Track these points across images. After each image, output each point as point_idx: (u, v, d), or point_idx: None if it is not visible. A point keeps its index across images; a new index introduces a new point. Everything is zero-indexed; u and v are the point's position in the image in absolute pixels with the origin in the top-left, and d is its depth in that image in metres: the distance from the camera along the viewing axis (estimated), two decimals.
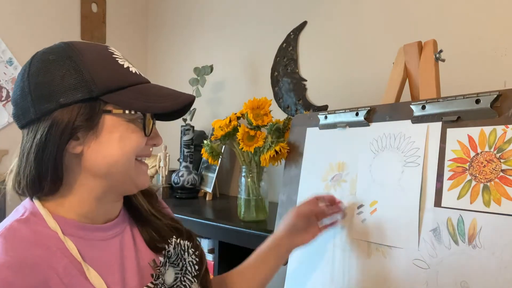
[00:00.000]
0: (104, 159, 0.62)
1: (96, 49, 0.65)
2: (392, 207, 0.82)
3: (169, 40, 2.25)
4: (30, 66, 0.62)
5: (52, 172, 0.60)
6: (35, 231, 0.60)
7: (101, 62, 0.63)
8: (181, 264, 0.72)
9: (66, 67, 0.60)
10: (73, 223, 0.63)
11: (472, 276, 0.68)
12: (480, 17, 1.18)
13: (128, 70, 0.65)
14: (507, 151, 0.69)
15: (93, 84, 0.60)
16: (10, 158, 2.10)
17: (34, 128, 0.61)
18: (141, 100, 0.63)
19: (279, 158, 1.15)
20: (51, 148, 0.59)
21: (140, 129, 0.64)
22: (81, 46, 0.63)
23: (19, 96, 0.62)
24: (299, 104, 1.61)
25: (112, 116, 0.62)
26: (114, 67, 0.63)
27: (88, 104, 0.60)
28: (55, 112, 0.59)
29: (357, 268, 0.86)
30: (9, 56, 1.86)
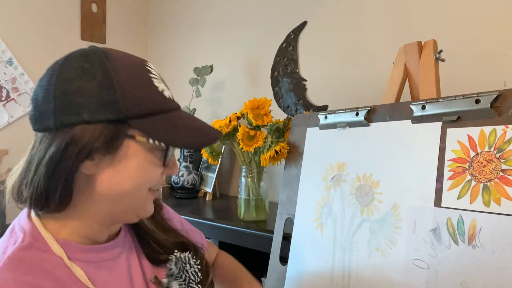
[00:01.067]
0: (116, 186, 0.58)
1: (133, 65, 0.60)
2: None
3: (169, 40, 2.25)
4: (61, 69, 0.57)
5: (61, 190, 0.56)
6: (41, 259, 0.56)
7: (136, 81, 0.57)
8: (184, 275, 0.70)
9: (98, 80, 0.55)
10: (77, 246, 0.60)
11: (472, 276, 0.68)
12: (480, 17, 1.18)
13: (162, 95, 0.60)
14: (507, 151, 0.69)
15: (124, 105, 0.55)
16: (10, 158, 2.09)
17: (50, 137, 0.56)
18: (169, 131, 0.58)
19: (279, 158, 1.15)
20: (65, 165, 0.55)
21: (158, 160, 0.60)
22: (118, 59, 0.58)
23: (42, 99, 0.56)
24: (299, 104, 1.61)
25: (134, 143, 0.57)
26: (149, 89, 0.58)
27: (113, 126, 0.56)
28: (76, 126, 0.54)
29: (357, 268, 0.86)
30: (9, 56, 1.86)
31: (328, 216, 0.95)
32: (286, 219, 1.06)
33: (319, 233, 0.96)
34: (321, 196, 0.98)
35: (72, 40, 2.07)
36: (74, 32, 2.08)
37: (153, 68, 0.62)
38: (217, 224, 1.29)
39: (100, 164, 0.57)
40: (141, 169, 0.59)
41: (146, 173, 0.59)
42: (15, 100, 1.88)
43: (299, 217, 1.02)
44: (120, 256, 0.65)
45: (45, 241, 0.58)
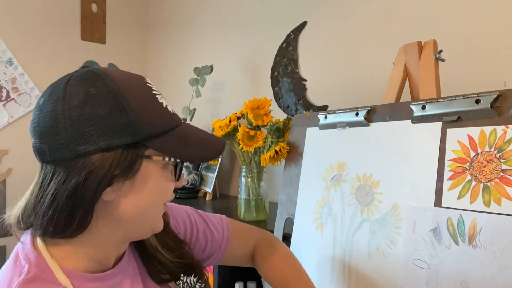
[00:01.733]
0: (138, 208, 0.58)
1: (137, 84, 0.58)
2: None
3: (169, 40, 2.25)
4: (66, 96, 0.53)
5: (81, 218, 0.54)
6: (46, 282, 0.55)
7: (145, 102, 0.57)
8: None
9: (110, 105, 0.53)
10: (83, 275, 0.58)
11: (472, 276, 0.68)
12: (480, 17, 1.18)
13: (167, 111, 0.60)
14: (507, 151, 0.69)
15: (139, 128, 0.54)
16: (10, 158, 2.09)
17: (64, 168, 0.53)
18: (181, 147, 0.59)
19: (279, 158, 1.15)
20: (88, 194, 0.53)
21: (171, 175, 0.61)
22: (121, 79, 0.57)
23: (49, 129, 0.53)
24: (299, 104, 1.61)
25: (151, 163, 0.57)
26: (157, 108, 0.58)
27: (131, 149, 0.55)
28: (94, 155, 0.53)
29: (357, 268, 0.86)
30: (9, 56, 1.86)
31: (328, 216, 0.95)
32: (286, 219, 1.06)
33: (319, 233, 0.96)
34: (321, 196, 0.98)
35: (72, 40, 2.07)
36: (74, 32, 2.08)
37: (152, 84, 0.62)
38: None
39: (121, 189, 0.56)
40: (159, 187, 0.59)
41: (163, 190, 0.60)
42: (15, 100, 1.88)
43: (299, 217, 1.02)
44: (124, 281, 0.64)
45: (52, 271, 0.56)
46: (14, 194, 1.90)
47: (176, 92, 2.13)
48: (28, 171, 1.90)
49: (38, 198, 0.55)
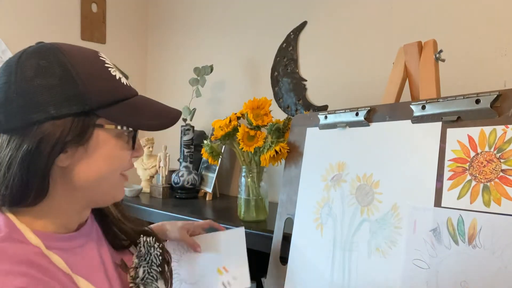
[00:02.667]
0: (91, 174, 0.61)
1: (88, 57, 0.62)
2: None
3: (169, 40, 2.25)
4: (17, 69, 0.57)
5: (38, 185, 0.57)
6: (21, 249, 0.57)
7: (95, 73, 0.60)
8: (148, 258, 0.74)
9: (59, 76, 0.57)
10: (52, 235, 0.61)
11: (472, 276, 0.68)
12: (480, 17, 1.18)
13: (120, 82, 0.63)
14: (507, 151, 0.69)
15: (88, 97, 0.58)
16: None
17: (18, 136, 0.56)
18: (133, 116, 0.62)
19: (279, 158, 1.15)
20: (40, 162, 0.56)
21: (126, 144, 0.64)
22: (73, 53, 0.60)
23: (3, 100, 0.57)
24: (299, 104, 1.61)
25: (103, 131, 0.61)
26: (108, 78, 0.62)
27: (82, 118, 0.58)
28: (45, 123, 0.56)
29: (357, 268, 0.86)
30: (9, 56, 1.86)
31: (328, 216, 0.95)
32: (286, 219, 1.06)
33: (319, 233, 0.96)
34: (321, 196, 0.98)
35: (72, 40, 2.07)
36: (74, 32, 2.08)
37: (106, 58, 0.65)
38: None
39: (74, 155, 0.59)
40: (113, 154, 0.63)
41: (117, 157, 0.63)
42: None
43: (299, 217, 1.02)
44: (89, 242, 0.68)
45: (21, 232, 0.59)
46: None
47: (176, 92, 2.13)
48: None
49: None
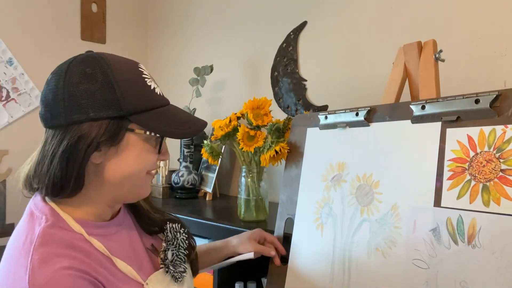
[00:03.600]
0: (120, 172, 0.68)
1: (128, 67, 0.70)
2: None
3: (169, 40, 2.25)
4: (67, 74, 0.66)
5: (75, 178, 0.65)
6: (66, 235, 0.65)
7: (132, 82, 0.68)
8: (175, 242, 0.81)
9: (100, 83, 0.65)
10: (90, 223, 0.70)
11: (472, 276, 0.68)
12: (480, 17, 1.18)
13: (153, 92, 0.70)
14: (506, 151, 0.69)
15: (123, 103, 0.66)
16: (10, 158, 2.09)
17: (61, 133, 0.65)
18: (162, 124, 0.69)
19: (279, 158, 1.15)
20: (78, 157, 0.64)
21: (154, 148, 0.72)
22: (115, 62, 0.68)
23: (51, 100, 0.66)
24: (299, 104, 1.61)
25: (133, 135, 0.68)
26: (143, 88, 0.69)
27: (116, 121, 0.66)
28: (84, 123, 0.64)
29: (357, 268, 0.86)
30: (9, 56, 1.86)
31: (328, 216, 0.95)
32: (287, 219, 1.06)
33: (319, 233, 0.96)
34: (321, 196, 0.98)
35: (72, 40, 2.07)
36: (74, 32, 2.08)
37: (144, 69, 0.73)
38: (217, 224, 1.29)
39: (107, 154, 0.67)
40: (141, 156, 0.70)
41: (144, 159, 0.70)
42: (15, 100, 1.88)
43: (299, 217, 1.02)
44: (122, 230, 0.76)
45: (65, 221, 0.66)
46: (14, 194, 1.91)
47: (176, 92, 2.13)
48: None
49: (40, 157, 0.67)
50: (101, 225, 0.72)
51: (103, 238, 0.70)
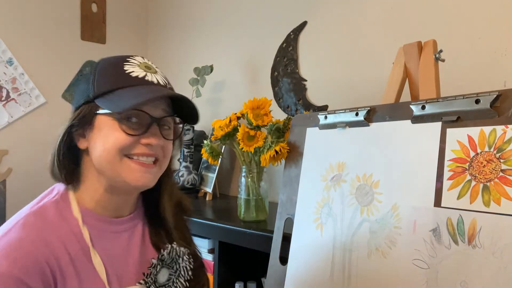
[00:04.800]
0: (97, 154, 0.70)
1: (113, 59, 0.73)
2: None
3: (169, 40, 2.25)
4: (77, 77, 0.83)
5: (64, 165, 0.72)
6: (61, 214, 0.70)
7: (106, 69, 0.72)
8: (175, 267, 0.79)
9: (85, 77, 0.73)
10: (92, 214, 0.73)
11: (472, 276, 0.68)
12: (480, 17, 1.18)
13: (125, 74, 0.70)
14: (506, 151, 0.69)
15: (93, 89, 0.70)
16: (10, 158, 2.09)
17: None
18: (120, 101, 0.68)
19: (279, 158, 1.15)
20: (62, 145, 0.72)
21: (125, 126, 0.69)
22: (104, 59, 0.74)
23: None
24: (299, 104, 1.61)
25: (101, 116, 0.70)
26: (115, 72, 0.71)
27: (86, 106, 0.70)
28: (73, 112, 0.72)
29: (357, 268, 0.86)
30: (9, 56, 1.86)
31: (328, 216, 0.95)
32: (286, 219, 1.06)
33: (319, 233, 0.96)
34: (321, 196, 0.98)
35: (72, 40, 2.07)
36: (74, 32, 2.08)
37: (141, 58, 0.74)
38: (217, 224, 1.29)
39: (89, 139, 0.71)
40: (107, 135, 0.69)
41: (110, 138, 0.69)
42: (15, 100, 1.88)
43: (299, 217, 1.02)
44: (124, 233, 0.77)
45: (70, 204, 0.72)
46: (14, 194, 1.91)
47: (176, 92, 2.13)
48: (28, 171, 1.92)
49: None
50: (101, 218, 0.74)
51: (97, 231, 0.72)
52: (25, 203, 0.74)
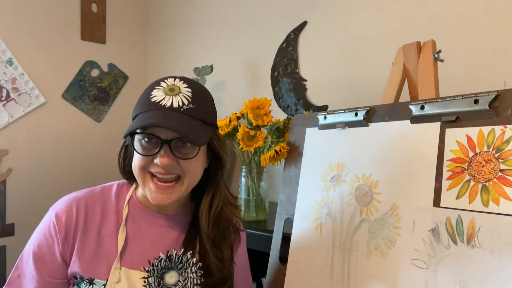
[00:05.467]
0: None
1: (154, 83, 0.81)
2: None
3: (169, 40, 2.25)
4: None
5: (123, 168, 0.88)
6: (117, 194, 0.87)
7: (141, 94, 0.81)
8: (185, 275, 0.83)
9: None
10: (138, 203, 0.87)
11: (471, 276, 0.68)
12: (480, 17, 1.18)
13: (147, 101, 0.77)
14: (505, 151, 0.69)
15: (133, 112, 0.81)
16: (10, 158, 2.10)
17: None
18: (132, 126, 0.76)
19: (279, 158, 1.15)
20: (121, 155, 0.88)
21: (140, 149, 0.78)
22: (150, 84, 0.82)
23: None
24: (299, 104, 1.61)
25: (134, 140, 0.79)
26: (142, 99, 0.80)
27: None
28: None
29: (356, 268, 0.86)
30: (9, 56, 1.86)
31: (328, 216, 0.95)
32: (286, 219, 1.06)
33: (319, 233, 0.96)
34: (321, 196, 0.98)
35: (72, 40, 2.07)
36: (74, 32, 2.08)
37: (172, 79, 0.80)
38: None
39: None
40: (135, 154, 0.80)
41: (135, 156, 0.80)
42: (15, 100, 1.88)
43: (298, 217, 1.02)
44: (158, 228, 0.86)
45: (127, 190, 0.88)
46: (14, 194, 1.91)
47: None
48: (28, 171, 1.92)
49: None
50: (144, 209, 0.86)
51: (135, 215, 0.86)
52: (25, 203, 0.75)
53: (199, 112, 0.77)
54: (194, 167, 0.80)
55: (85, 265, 0.79)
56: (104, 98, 2.18)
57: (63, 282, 0.81)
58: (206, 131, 0.79)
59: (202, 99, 0.80)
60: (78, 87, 2.08)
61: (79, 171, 2.07)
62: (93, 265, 0.79)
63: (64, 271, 0.81)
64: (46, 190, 1.93)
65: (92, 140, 2.12)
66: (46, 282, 0.80)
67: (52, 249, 0.80)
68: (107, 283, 0.78)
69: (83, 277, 0.79)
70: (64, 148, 2.03)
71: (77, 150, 2.07)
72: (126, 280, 0.79)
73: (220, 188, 0.87)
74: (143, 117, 0.76)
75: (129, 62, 2.28)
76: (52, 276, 0.80)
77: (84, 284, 0.78)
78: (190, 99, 0.77)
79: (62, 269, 0.81)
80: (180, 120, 0.74)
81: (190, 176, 0.79)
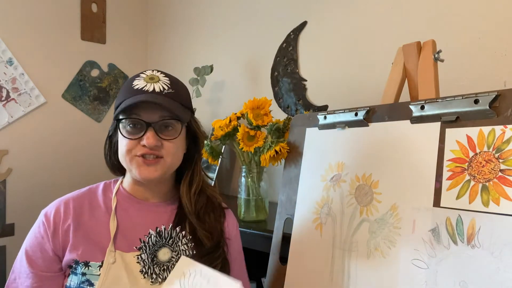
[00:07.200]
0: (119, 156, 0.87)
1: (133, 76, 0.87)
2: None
3: (169, 40, 2.25)
4: None
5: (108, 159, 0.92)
6: (104, 189, 0.92)
7: (123, 86, 0.87)
8: (177, 249, 0.87)
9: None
10: (126, 193, 0.91)
11: (471, 276, 0.68)
12: (480, 17, 1.18)
13: (130, 88, 0.83)
14: (505, 151, 0.69)
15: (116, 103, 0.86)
16: (10, 158, 2.10)
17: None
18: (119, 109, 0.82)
19: (279, 158, 1.15)
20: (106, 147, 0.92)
21: (126, 133, 0.83)
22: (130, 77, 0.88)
23: None
24: (299, 104, 1.61)
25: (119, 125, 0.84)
26: (125, 86, 0.86)
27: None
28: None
29: (356, 268, 0.86)
30: (9, 56, 1.86)
31: (328, 216, 0.95)
32: (286, 219, 1.06)
33: (319, 233, 0.96)
34: (321, 196, 0.98)
35: (72, 40, 2.07)
36: (74, 32, 2.08)
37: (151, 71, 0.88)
38: None
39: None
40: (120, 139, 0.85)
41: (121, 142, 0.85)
42: (15, 100, 1.88)
43: (298, 217, 1.02)
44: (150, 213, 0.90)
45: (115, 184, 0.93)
46: (14, 194, 1.91)
47: None
48: (28, 171, 1.92)
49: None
50: (131, 198, 0.90)
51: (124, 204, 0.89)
52: (25, 203, 0.75)
53: (179, 96, 0.86)
54: (175, 149, 0.85)
55: (80, 252, 0.83)
56: (104, 98, 2.18)
57: (56, 275, 0.85)
58: (187, 113, 0.87)
59: (180, 86, 0.89)
60: (78, 87, 2.08)
61: (79, 171, 2.07)
62: (88, 251, 0.83)
63: (57, 264, 0.84)
64: (46, 190, 1.93)
65: (92, 140, 2.11)
66: (39, 276, 0.83)
67: (43, 246, 0.84)
68: (102, 264, 0.82)
69: (78, 261, 0.82)
70: (64, 148, 2.03)
71: (77, 150, 2.07)
72: (121, 261, 0.83)
73: (198, 169, 0.95)
74: (130, 100, 0.81)
75: (129, 62, 2.29)
76: (45, 270, 0.84)
77: (80, 267, 0.82)
78: (169, 86, 0.85)
79: (54, 262, 0.84)
80: (165, 100, 0.82)
81: (169, 156, 0.85)
